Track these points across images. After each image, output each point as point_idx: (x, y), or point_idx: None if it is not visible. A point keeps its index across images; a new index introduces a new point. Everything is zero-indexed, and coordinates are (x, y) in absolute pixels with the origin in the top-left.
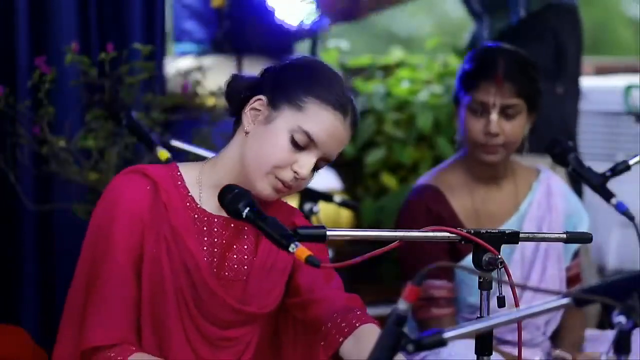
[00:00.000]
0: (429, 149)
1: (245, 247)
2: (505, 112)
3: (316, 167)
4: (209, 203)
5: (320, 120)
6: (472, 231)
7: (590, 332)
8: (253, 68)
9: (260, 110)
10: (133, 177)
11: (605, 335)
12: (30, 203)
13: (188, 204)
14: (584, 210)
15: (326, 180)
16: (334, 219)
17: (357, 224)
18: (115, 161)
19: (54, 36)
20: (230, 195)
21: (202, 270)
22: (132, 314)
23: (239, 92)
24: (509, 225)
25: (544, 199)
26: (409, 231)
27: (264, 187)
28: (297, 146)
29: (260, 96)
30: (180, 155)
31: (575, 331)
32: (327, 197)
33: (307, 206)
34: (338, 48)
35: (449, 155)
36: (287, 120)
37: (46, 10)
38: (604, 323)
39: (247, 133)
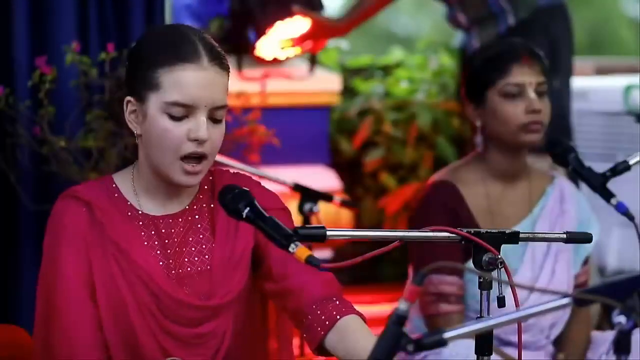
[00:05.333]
0: (428, 148)
1: (201, 236)
2: (539, 91)
3: (215, 120)
4: (150, 206)
5: (179, 84)
6: (472, 231)
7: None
8: (253, 68)
9: (135, 110)
10: (68, 202)
11: (605, 337)
12: (30, 203)
13: (129, 213)
14: (594, 218)
15: (326, 180)
16: (334, 219)
17: (357, 224)
18: (115, 161)
19: (54, 36)
20: (230, 195)
21: (155, 278)
22: (96, 335)
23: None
24: (521, 227)
25: (557, 204)
26: (409, 231)
27: (179, 177)
28: (178, 119)
29: (127, 97)
30: None
31: (580, 336)
32: (327, 197)
33: (307, 206)
34: (338, 48)
35: (448, 155)
36: (155, 104)
37: (46, 10)
38: (603, 324)
39: (140, 136)
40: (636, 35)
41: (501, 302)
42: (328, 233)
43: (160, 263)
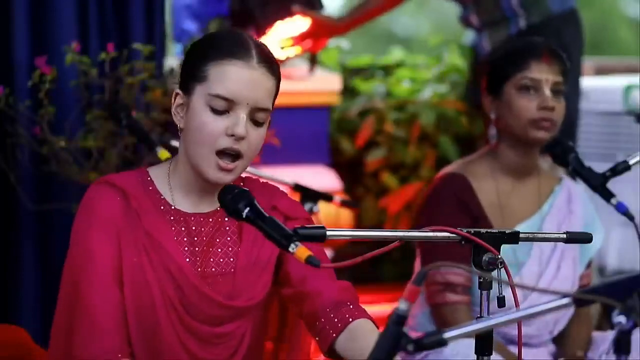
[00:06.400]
0: (430, 148)
1: (229, 239)
2: (554, 91)
3: (256, 122)
4: (183, 203)
5: (224, 78)
6: (472, 231)
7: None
8: None
9: (182, 103)
10: (103, 188)
11: (605, 337)
12: (30, 203)
13: (162, 207)
14: (599, 222)
15: (326, 180)
16: (334, 219)
17: (358, 224)
18: (115, 161)
19: (54, 36)
20: (230, 196)
21: (185, 271)
22: (119, 321)
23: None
24: (530, 223)
25: (565, 204)
26: (409, 231)
27: (212, 173)
28: (219, 113)
29: (176, 90)
30: None
31: (580, 334)
32: (327, 197)
33: (307, 206)
34: (338, 48)
35: (451, 154)
36: (200, 96)
37: (46, 10)
38: (603, 324)
39: (182, 130)
40: (636, 35)
41: (501, 302)
42: (328, 233)
43: (187, 259)
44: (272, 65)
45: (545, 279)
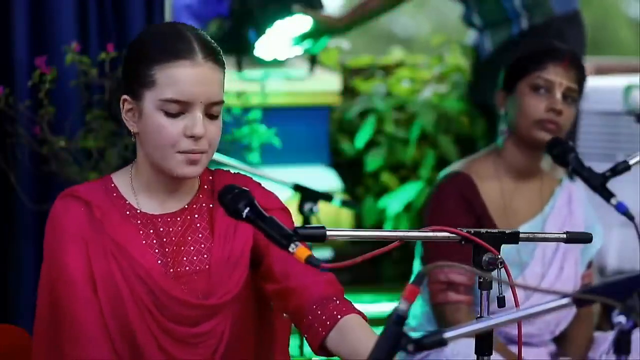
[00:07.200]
0: (430, 148)
1: (200, 236)
2: (566, 96)
3: (211, 116)
4: (148, 205)
5: (173, 81)
6: (472, 231)
7: None
8: (253, 68)
9: (132, 108)
10: (67, 201)
11: (605, 337)
12: (30, 203)
13: (128, 212)
14: (599, 225)
15: (326, 180)
16: (334, 219)
17: (358, 224)
18: (115, 161)
19: (54, 36)
20: (230, 196)
21: (154, 275)
22: (102, 328)
23: (117, 103)
24: (532, 224)
25: (565, 205)
26: (409, 231)
27: (180, 169)
28: (174, 116)
29: (123, 96)
30: None
31: (581, 334)
32: (327, 197)
33: (307, 206)
34: (338, 48)
35: (451, 154)
36: (151, 101)
37: (46, 10)
38: (603, 324)
39: (137, 134)
40: (636, 35)
41: (501, 302)
42: (328, 233)
43: (159, 262)
44: (216, 55)
45: (548, 279)
